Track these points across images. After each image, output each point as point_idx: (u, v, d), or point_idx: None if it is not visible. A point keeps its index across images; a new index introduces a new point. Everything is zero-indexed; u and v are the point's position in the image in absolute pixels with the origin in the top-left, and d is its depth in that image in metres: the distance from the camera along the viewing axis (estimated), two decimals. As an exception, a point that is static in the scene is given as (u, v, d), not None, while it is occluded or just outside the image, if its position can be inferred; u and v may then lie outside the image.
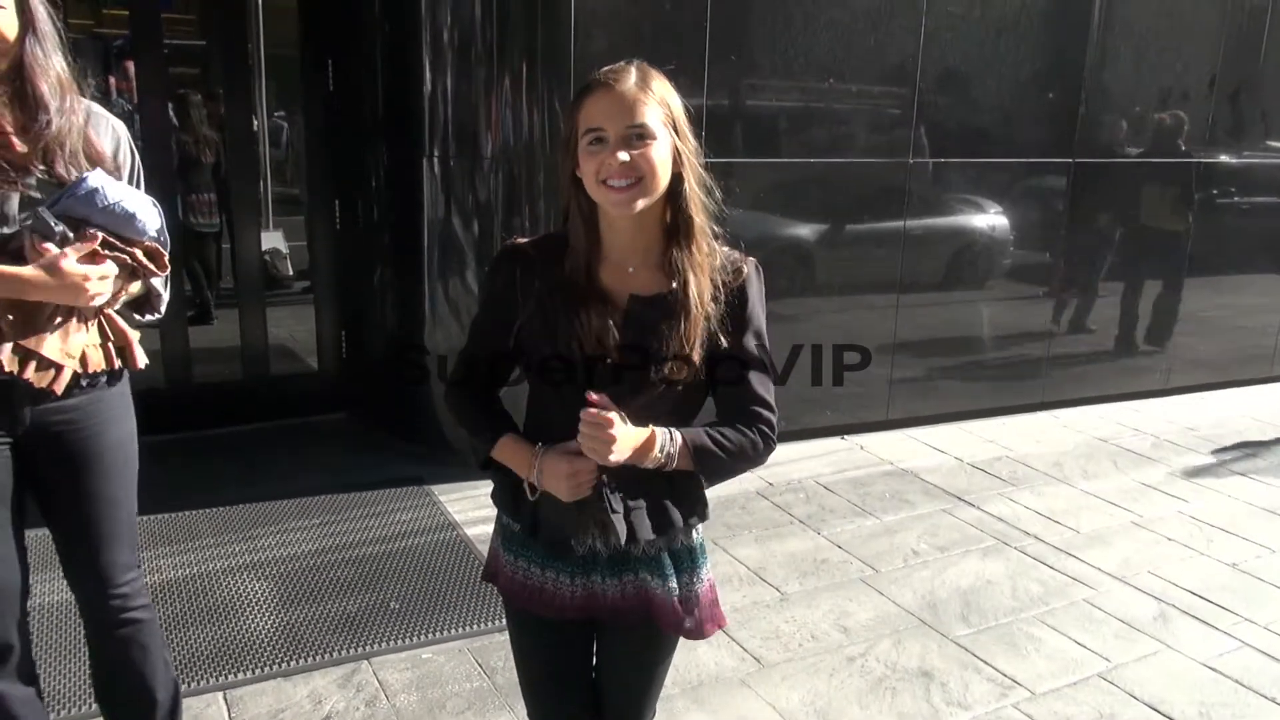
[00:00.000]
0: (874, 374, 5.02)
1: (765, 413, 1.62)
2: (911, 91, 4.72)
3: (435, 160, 4.22)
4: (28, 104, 1.78)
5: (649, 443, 1.53)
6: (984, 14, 4.83)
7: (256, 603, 3.14)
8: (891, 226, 4.92)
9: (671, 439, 1.55)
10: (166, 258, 1.90)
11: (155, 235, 1.85)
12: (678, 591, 1.67)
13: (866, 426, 5.03)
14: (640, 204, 1.50)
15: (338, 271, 4.84)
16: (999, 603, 3.39)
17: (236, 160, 4.87)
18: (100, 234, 1.76)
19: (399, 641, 2.96)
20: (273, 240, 6.53)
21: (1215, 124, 5.72)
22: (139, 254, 1.82)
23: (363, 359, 4.82)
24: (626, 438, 1.50)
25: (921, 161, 4.86)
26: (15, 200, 1.77)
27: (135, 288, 1.90)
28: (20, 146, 1.78)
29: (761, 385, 1.62)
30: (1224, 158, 5.87)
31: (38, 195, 1.78)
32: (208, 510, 3.76)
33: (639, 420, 1.53)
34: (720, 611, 1.75)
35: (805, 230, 4.81)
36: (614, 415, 1.48)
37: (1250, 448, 5.12)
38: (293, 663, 2.83)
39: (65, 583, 2.04)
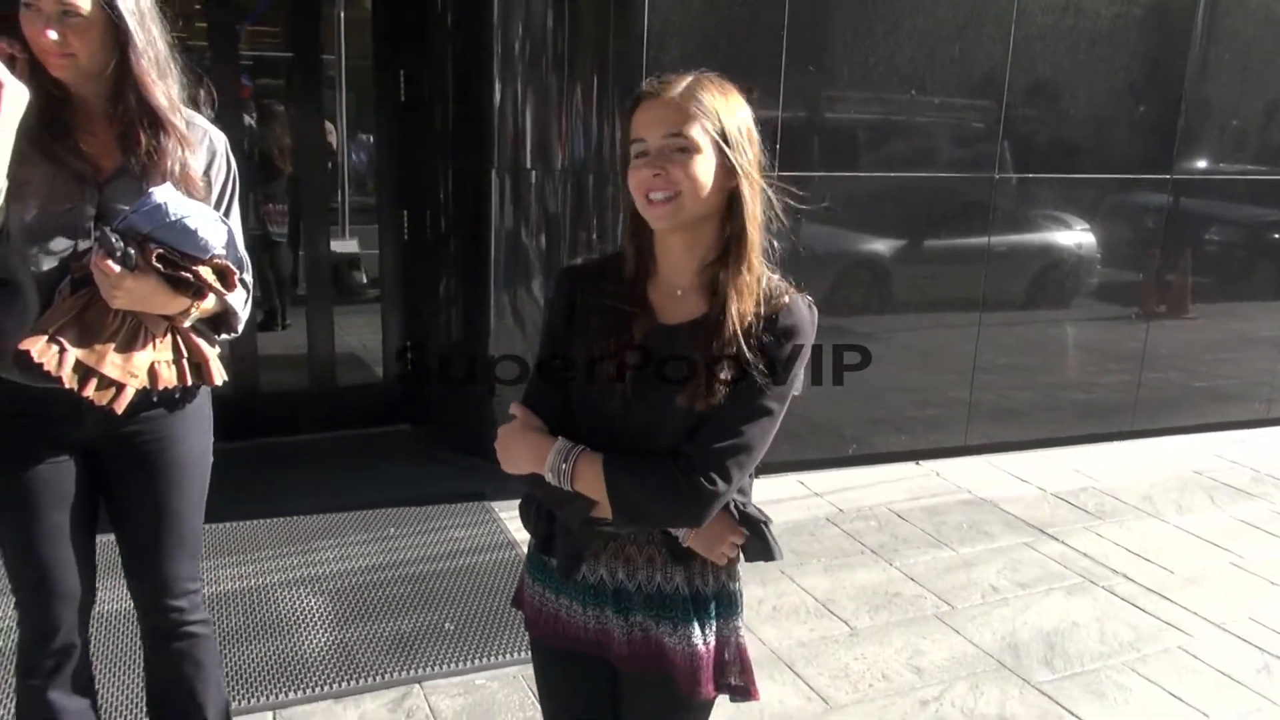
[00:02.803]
0: (952, 397, 4.82)
1: (722, 458, 1.40)
2: (998, 104, 4.53)
3: (504, 171, 4.17)
4: (132, 119, 1.77)
5: (540, 453, 1.46)
6: (1076, 22, 4.60)
7: (311, 619, 3.10)
8: (974, 243, 4.72)
9: (572, 452, 1.44)
10: (239, 276, 1.86)
11: (222, 252, 1.81)
12: (701, 643, 1.52)
13: (943, 452, 4.83)
14: (678, 219, 1.41)
15: (405, 282, 4.83)
16: (1085, 647, 3.18)
17: (315, 169, 4.90)
18: (158, 249, 1.72)
19: (452, 665, 2.88)
20: (348, 248, 6.59)
21: (1326, 138, 5.39)
22: (204, 271, 1.78)
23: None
24: (516, 445, 1.49)
25: (1007, 177, 4.66)
26: (91, 213, 1.77)
27: (209, 304, 1.86)
28: (108, 159, 1.79)
29: (738, 427, 1.41)
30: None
31: (121, 208, 1.77)
32: (266, 520, 3.75)
33: (645, 439, 1.45)
34: (753, 679, 1.59)
35: (883, 246, 4.64)
36: (514, 424, 1.50)
37: (1361, 485, 4.78)
38: (344, 684, 2.77)
39: (125, 591, 2.03)
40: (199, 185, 1.85)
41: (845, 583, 3.54)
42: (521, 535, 3.69)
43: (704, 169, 1.40)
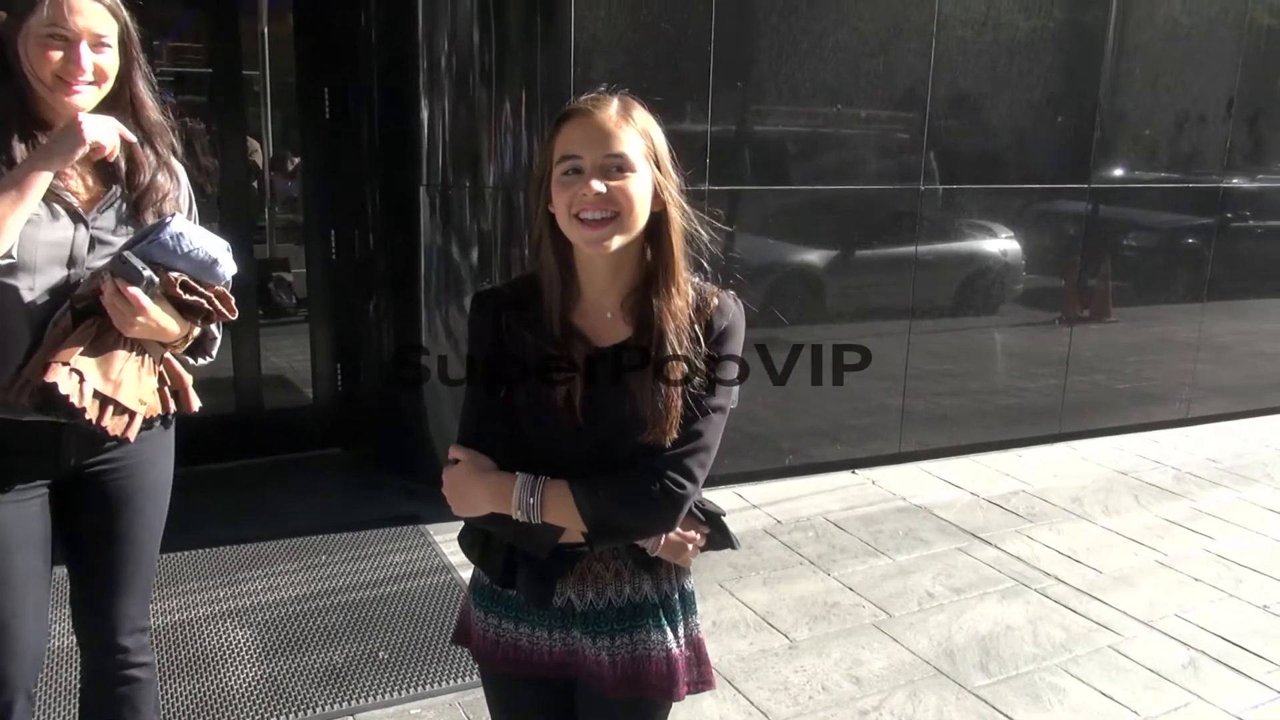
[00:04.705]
0: (886, 404, 4.88)
1: (683, 460, 1.42)
2: (922, 116, 4.61)
3: (433, 189, 4.12)
4: (133, 145, 1.77)
5: (500, 491, 1.42)
6: (995, 36, 4.72)
7: (238, 653, 3.00)
8: (903, 253, 4.80)
9: (537, 484, 1.41)
10: (233, 301, 1.84)
11: (229, 280, 1.82)
12: (675, 646, 1.54)
13: (878, 460, 4.88)
14: (616, 242, 1.39)
15: (333, 301, 4.74)
16: (1019, 650, 3.22)
17: (239, 187, 4.79)
18: (181, 277, 1.72)
19: (387, 695, 2.81)
20: (276, 268, 6.44)
21: (1233, 147, 5.59)
22: (214, 299, 1.78)
23: (359, 391, 4.70)
24: (471, 488, 1.45)
25: (933, 188, 4.74)
26: (85, 241, 1.72)
27: (196, 330, 1.84)
28: (91, 189, 1.75)
29: (693, 429, 1.43)
30: (1244, 182, 5.73)
31: (110, 237, 1.74)
32: (192, 552, 3.62)
33: (601, 457, 1.43)
34: (710, 670, 1.61)
35: (814, 257, 4.69)
36: (461, 467, 1.45)
37: (1275, 480, 4.94)
38: (274, 719, 2.68)
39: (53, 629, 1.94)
40: (181, 210, 1.85)
41: (784, 595, 3.55)
42: (457, 559, 3.64)
43: (641, 190, 1.40)
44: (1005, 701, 2.92)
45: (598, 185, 1.36)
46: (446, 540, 3.77)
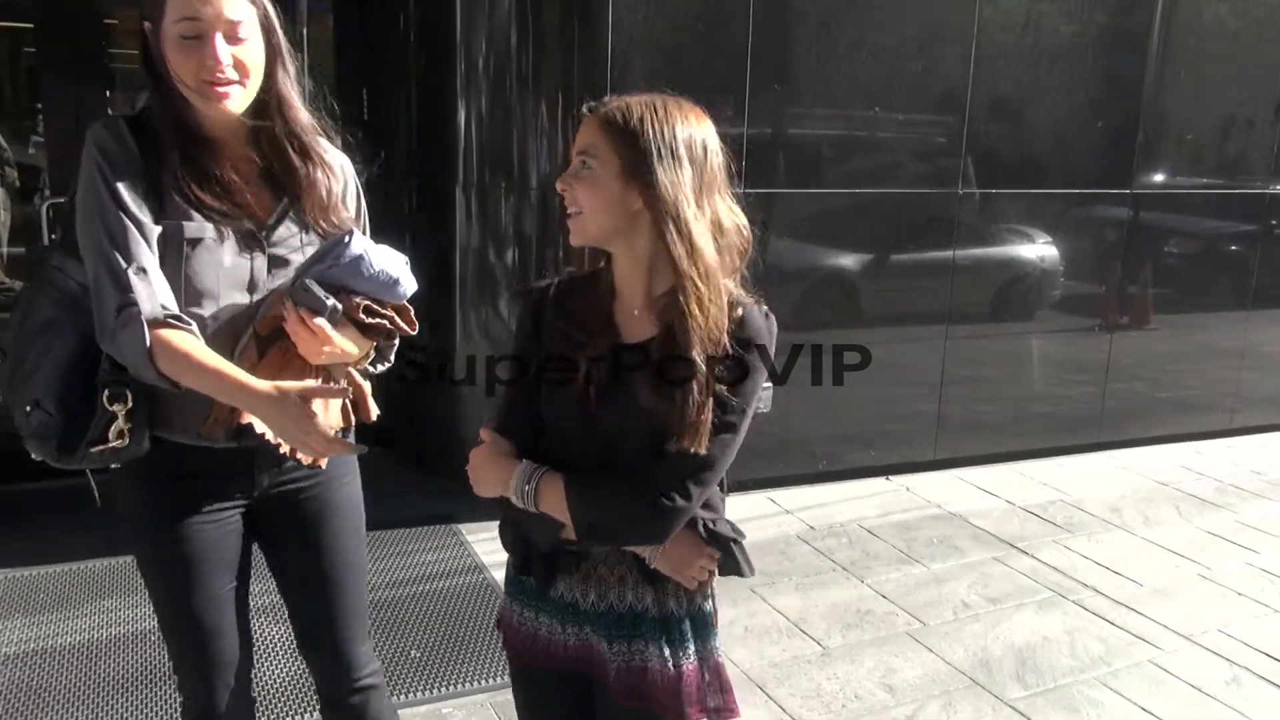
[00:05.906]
0: (921, 411, 4.83)
1: (680, 474, 1.39)
2: (961, 120, 4.56)
3: (469, 189, 4.13)
4: (281, 147, 1.68)
5: (506, 476, 1.46)
6: (1036, 40, 4.66)
7: (272, 649, 3.03)
8: (940, 257, 4.74)
9: (535, 474, 1.44)
10: (412, 313, 1.77)
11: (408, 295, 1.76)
12: (673, 665, 1.51)
13: (912, 466, 4.83)
14: (583, 236, 1.44)
15: (370, 302, 4.76)
16: (1057, 662, 3.17)
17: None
18: (364, 301, 1.66)
19: (418, 694, 2.82)
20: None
21: (1281, 152, 5.48)
22: (396, 316, 1.72)
23: (394, 390, 4.72)
24: (484, 469, 1.50)
25: (971, 192, 4.69)
26: (264, 267, 1.66)
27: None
28: (260, 205, 1.67)
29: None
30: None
31: (288, 255, 1.68)
32: (229, 548, 3.66)
33: (611, 453, 1.44)
34: (733, 699, 1.56)
35: (849, 261, 4.66)
36: (483, 448, 1.50)
37: (1323, 494, 4.84)
38: (306, 715, 2.71)
39: (65, 625, 1.94)
40: (346, 216, 1.76)
41: (817, 601, 3.52)
42: (490, 559, 3.65)
43: (600, 187, 1.40)
44: (1042, 714, 2.88)
45: (563, 185, 1.45)
46: (480, 540, 3.78)
